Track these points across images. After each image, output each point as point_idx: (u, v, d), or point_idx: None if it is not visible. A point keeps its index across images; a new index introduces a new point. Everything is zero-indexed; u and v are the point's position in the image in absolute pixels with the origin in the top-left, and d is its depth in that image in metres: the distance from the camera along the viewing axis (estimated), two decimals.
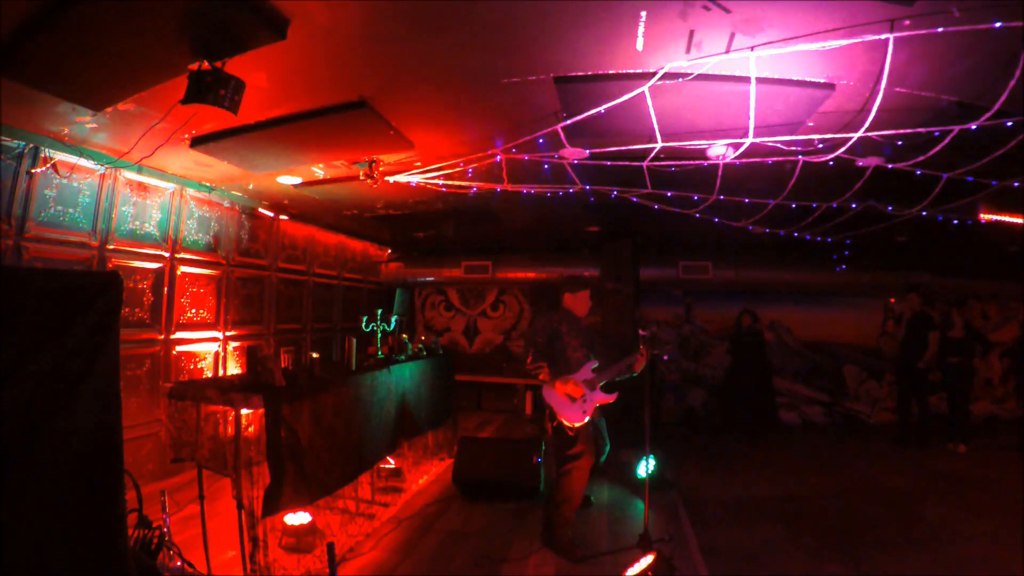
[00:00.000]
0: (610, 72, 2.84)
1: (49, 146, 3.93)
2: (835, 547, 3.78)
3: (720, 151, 3.68)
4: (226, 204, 5.86)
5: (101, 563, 1.42)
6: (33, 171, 3.90)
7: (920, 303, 6.83)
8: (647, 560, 3.19)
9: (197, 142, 3.98)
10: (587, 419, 3.68)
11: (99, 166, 4.35)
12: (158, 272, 5.01)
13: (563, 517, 3.62)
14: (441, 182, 4.64)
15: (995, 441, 6.87)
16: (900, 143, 3.30)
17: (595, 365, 3.82)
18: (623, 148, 3.63)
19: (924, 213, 4.28)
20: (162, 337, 5.02)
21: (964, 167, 3.35)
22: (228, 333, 5.86)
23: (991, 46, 2.32)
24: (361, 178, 4.56)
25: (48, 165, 3.99)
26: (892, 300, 7.41)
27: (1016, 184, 3.63)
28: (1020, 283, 7.63)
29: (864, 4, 2.15)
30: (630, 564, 3.19)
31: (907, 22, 2.21)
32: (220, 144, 3.95)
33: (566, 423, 3.65)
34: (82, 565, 1.38)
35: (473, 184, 4.78)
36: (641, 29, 2.42)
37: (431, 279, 9.27)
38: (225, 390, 3.07)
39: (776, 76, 2.79)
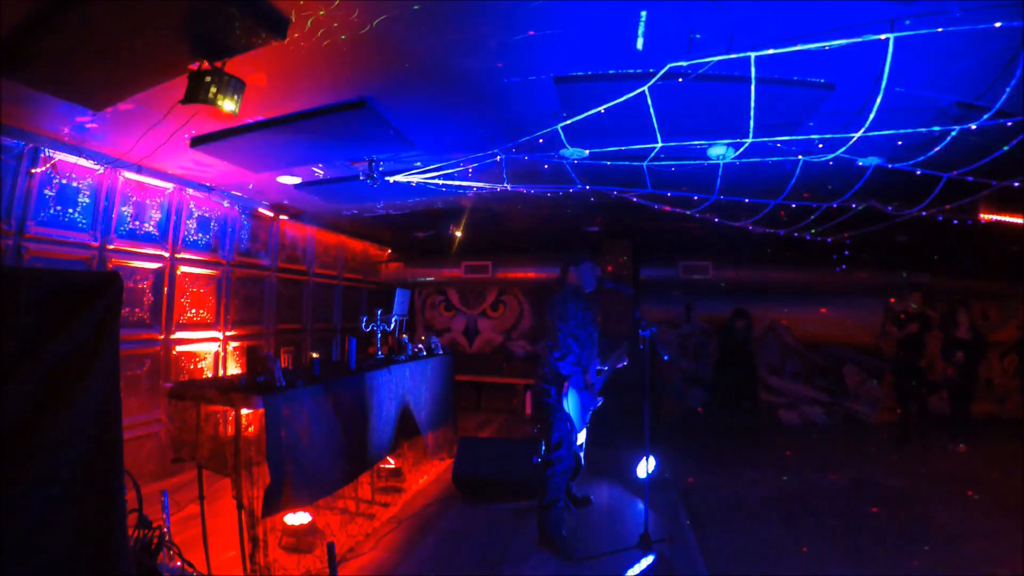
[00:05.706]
0: (610, 72, 2.84)
1: (49, 146, 3.93)
2: (835, 547, 3.78)
3: (720, 151, 3.68)
4: (226, 204, 5.86)
5: (101, 563, 1.42)
6: (33, 171, 3.90)
7: (922, 303, 6.83)
8: (647, 560, 3.19)
9: (197, 142, 3.98)
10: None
11: (99, 166, 4.35)
12: (158, 272, 5.01)
13: (558, 519, 3.62)
14: (441, 182, 4.63)
15: (995, 441, 6.87)
16: (900, 143, 3.30)
17: (597, 366, 3.77)
18: (623, 148, 3.63)
19: (924, 213, 4.28)
20: (162, 337, 5.02)
21: (964, 167, 3.35)
22: (228, 333, 5.86)
23: (991, 46, 2.32)
24: (361, 178, 4.56)
25: (48, 165, 3.99)
26: (892, 300, 7.40)
27: (1016, 184, 3.62)
28: (1020, 283, 7.62)
29: (864, 4, 2.15)
30: (630, 564, 3.19)
31: (907, 22, 2.22)
32: (220, 144, 3.95)
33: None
34: (82, 565, 1.38)
35: (473, 184, 4.78)
36: (641, 29, 2.42)
37: (431, 279, 9.26)
38: (225, 390, 3.07)
39: (776, 76, 2.79)
